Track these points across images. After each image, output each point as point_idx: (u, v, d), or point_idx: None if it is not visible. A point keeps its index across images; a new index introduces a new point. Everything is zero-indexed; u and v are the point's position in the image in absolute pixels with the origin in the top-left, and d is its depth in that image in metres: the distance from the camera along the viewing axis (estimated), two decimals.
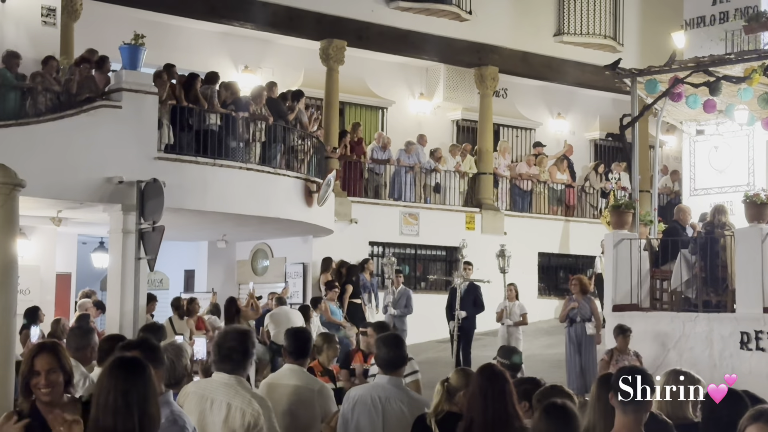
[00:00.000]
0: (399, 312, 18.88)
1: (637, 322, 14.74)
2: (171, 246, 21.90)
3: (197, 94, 17.61)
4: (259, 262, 22.95)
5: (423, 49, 24.03)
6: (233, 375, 6.16)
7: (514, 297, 18.29)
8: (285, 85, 21.02)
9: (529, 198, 25.32)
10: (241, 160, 17.90)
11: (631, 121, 16.30)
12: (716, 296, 14.56)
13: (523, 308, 18.25)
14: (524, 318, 18.19)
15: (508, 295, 18.18)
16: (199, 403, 6.14)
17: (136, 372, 4.54)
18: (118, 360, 4.65)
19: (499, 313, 18.22)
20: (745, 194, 14.56)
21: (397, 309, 18.91)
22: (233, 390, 6.12)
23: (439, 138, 25.12)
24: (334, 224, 21.09)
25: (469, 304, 17.79)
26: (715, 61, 15.81)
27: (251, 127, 18.36)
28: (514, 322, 18.00)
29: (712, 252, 14.54)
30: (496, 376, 5.80)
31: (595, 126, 28.12)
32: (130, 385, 4.49)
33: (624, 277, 15.17)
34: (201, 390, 6.24)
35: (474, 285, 18.13)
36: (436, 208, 23.57)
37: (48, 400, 5.12)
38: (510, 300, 18.17)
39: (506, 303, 18.09)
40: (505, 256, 18.10)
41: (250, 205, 17.99)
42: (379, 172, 23.34)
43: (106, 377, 4.54)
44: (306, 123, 20.13)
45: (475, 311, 18.06)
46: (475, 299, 18.07)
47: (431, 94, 25.35)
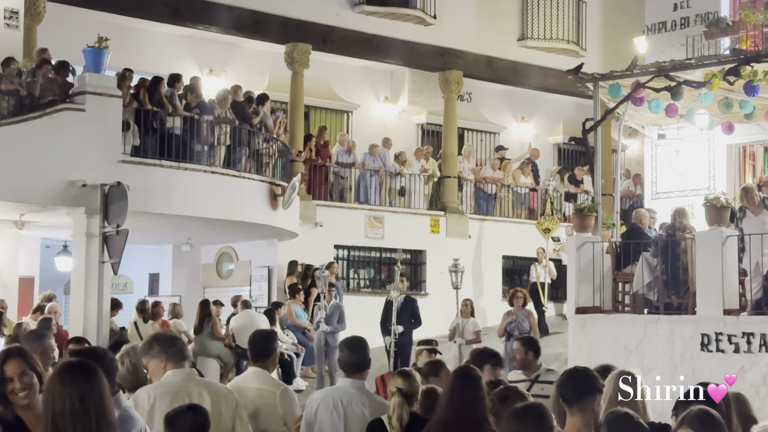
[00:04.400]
0: (331, 328, 17.76)
1: (599, 324, 14.81)
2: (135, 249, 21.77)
3: (161, 97, 17.54)
4: (224, 265, 22.88)
5: (388, 53, 24.05)
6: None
7: (469, 313, 17.44)
8: (250, 89, 20.93)
9: (494, 201, 25.40)
10: (205, 163, 17.86)
11: (594, 125, 16.37)
12: (677, 298, 14.63)
13: (476, 325, 17.42)
14: (478, 336, 17.21)
15: (462, 311, 17.29)
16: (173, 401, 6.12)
17: (91, 376, 4.50)
18: (68, 365, 4.58)
19: (452, 330, 17.32)
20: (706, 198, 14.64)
21: (330, 325, 17.77)
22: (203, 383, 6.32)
23: (404, 142, 25.14)
24: (299, 227, 21.06)
25: (406, 319, 17.07)
26: (676, 66, 15.91)
27: (216, 131, 18.31)
28: (467, 340, 17.00)
29: (674, 255, 14.62)
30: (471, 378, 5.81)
31: (558, 130, 28.25)
32: (85, 389, 4.45)
33: (586, 279, 15.22)
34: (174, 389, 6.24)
35: (411, 298, 17.63)
36: (401, 212, 23.59)
37: (27, 402, 5.08)
38: (464, 316, 17.29)
39: (459, 320, 17.20)
40: (458, 272, 17.01)
41: (214, 208, 17.94)
42: (344, 176, 23.33)
43: (58, 384, 4.48)
44: (271, 126, 20.09)
45: (412, 326, 17.35)
46: (412, 313, 17.42)
47: (396, 98, 25.37)
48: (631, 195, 25.35)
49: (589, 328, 14.87)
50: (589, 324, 14.85)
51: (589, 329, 14.84)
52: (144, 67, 20.07)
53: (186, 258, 22.81)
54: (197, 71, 22.00)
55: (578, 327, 15.11)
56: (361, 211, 22.91)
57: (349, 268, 23.25)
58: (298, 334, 18.88)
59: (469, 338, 17.04)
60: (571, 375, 5.58)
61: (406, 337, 16.96)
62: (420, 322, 17.58)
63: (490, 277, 24.25)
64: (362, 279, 23.50)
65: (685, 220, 15.01)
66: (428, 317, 19.89)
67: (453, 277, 17.01)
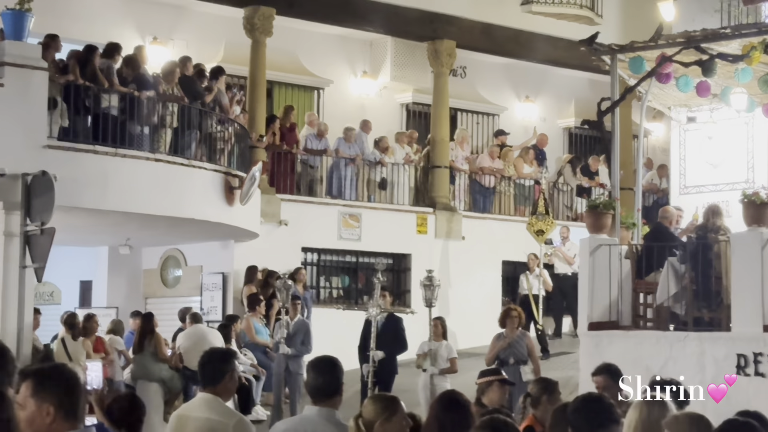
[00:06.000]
0: (294, 351, 17.31)
1: (616, 342, 14.85)
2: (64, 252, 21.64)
3: (95, 70, 17.48)
4: (170, 271, 22.82)
5: (366, 18, 24.02)
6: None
7: (441, 335, 16.76)
8: (202, 61, 20.89)
9: (492, 196, 25.42)
10: (148, 149, 17.82)
11: (611, 106, 16.40)
12: (709, 312, 14.70)
13: (451, 351, 16.70)
14: (453, 364, 16.54)
15: (434, 333, 16.63)
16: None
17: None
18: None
19: (421, 356, 16.64)
20: (743, 193, 14.71)
21: (292, 347, 17.30)
22: None
23: (385, 124, 25.14)
24: (259, 227, 21.03)
25: (387, 342, 16.33)
26: (709, 36, 15.95)
27: (160, 110, 18.26)
28: (440, 369, 16.41)
29: (705, 260, 14.67)
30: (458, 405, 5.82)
31: (569, 112, 28.30)
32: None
33: (602, 289, 15.26)
34: None
35: (394, 317, 17.01)
36: (382, 208, 23.59)
37: None
38: (435, 339, 16.65)
39: (430, 344, 16.53)
40: (434, 287, 16.28)
41: (158, 203, 17.88)
42: (314, 165, 23.30)
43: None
44: (226, 106, 20.05)
45: (395, 350, 16.89)
46: (395, 335, 16.90)
47: (376, 73, 25.35)
48: (654, 189, 25.42)
49: (604, 347, 14.90)
50: (605, 342, 14.89)
51: (605, 349, 14.85)
52: (75, 35, 19.98)
53: (124, 263, 22.74)
54: (139, 39, 21.93)
55: (591, 346, 15.14)
56: (334, 207, 22.90)
57: (319, 275, 23.22)
58: (258, 353, 18.85)
59: (442, 366, 16.50)
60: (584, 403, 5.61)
61: (388, 365, 16.43)
62: (405, 345, 17.20)
63: (487, 286, 24.26)
64: (335, 288, 23.49)
65: (718, 219, 15.05)
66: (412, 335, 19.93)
67: (425, 292, 16.39)
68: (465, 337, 22.28)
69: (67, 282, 23.38)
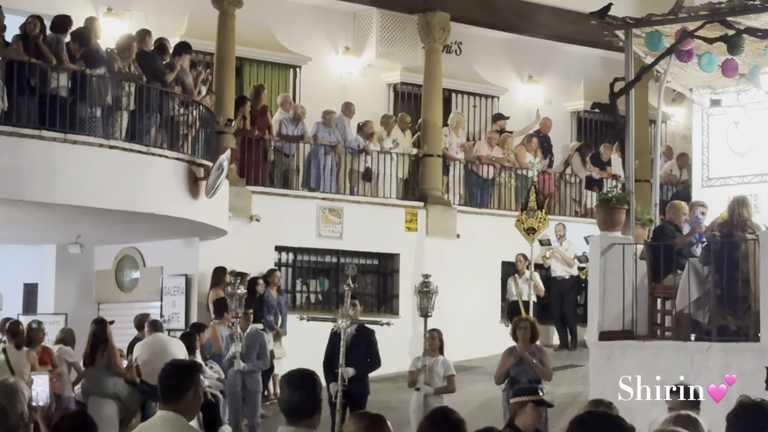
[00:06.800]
0: (249, 366, 17.27)
1: (630, 354, 14.85)
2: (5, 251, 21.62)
3: (42, 45, 17.43)
4: (126, 273, 22.82)
5: None
6: None
7: (437, 350, 16.48)
8: (163, 35, 20.85)
9: (491, 189, 25.42)
10: (101, 135, 17.79)
11: (625, 88, 16.41)
12: (735, 320, 14.71)
13: (449, 367, 16.40)
14: (450, 382, 16.32)
15: (429, 347, 16.34)
16: None
17: None
18: None
19: (413, 373, 16.39)
20: None
21: (248, 362, 17.23)
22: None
23: (370, 107, 25.13)
24: (228, 223, 21.03)
25: (358, 358, 16.26)
26: (736, 8, 15.96)
27: (115, 91, 18.22)
28: (436, 389, 16.13)
29: (731, 262, 14.67)
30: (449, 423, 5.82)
31: (578, 94, 28.32)
32: None
33: (614, 294, 15.27)
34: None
35: (366, 329, 16.54)
36: (366, 202, 23.58)
37: None
38: (431, 353, 16.36)
39: (425, 359, 16.26)
40: (430, 294, 16.21)
41: (113, 195, 17.87)
42: (290, 153, 23.28)
43: None
44: (190, 86, 20.02)
45: (367, 367, 16.68)
46: (368, 350, 16.60)
47: (360, 49, 25.35)
48: (674, 181, 25.48)
49: (616, 359, 14.92)
50: (617, 354, 14.89)
51: (617, 361, 14.88)
52: (19, 5, 19.93)
53: (75, 263, 22.71)
54: (91, 10, 21.88)
55: (602, 358, 15.15)
56: (312, 201, 22.89)
57: (295, 277, 23.21)
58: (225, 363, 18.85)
59: (438, 385, 16.25)
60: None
61: (359, 384, 16.27)
62: (378, 361, 16.95)
63: (485, 290, 24.25)
64: (313, 293, 23.47)
65: (746, 211, 15.00)
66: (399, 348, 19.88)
67: (420, 300, 16.33)
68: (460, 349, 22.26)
69: (9, 285, 23.36)
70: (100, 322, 17.84)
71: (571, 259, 23.49)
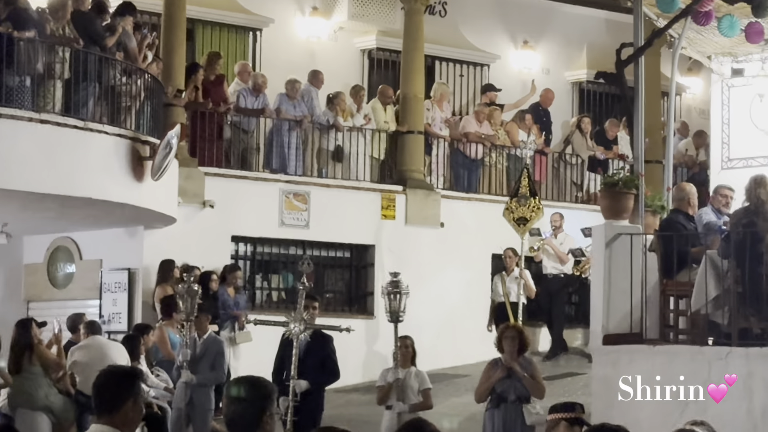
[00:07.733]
0: (200, 379, 16.84)
1: (639, 360, 14.91)
2: None
3: None
4: (60, 267, 22.83)
5: None
6: None
7: (410, 361, 16.25)
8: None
9: (479, 171, 25.46)
10: (30, 107, 17.79)
11: (634, 55, 16.46)
12: (759, 322, 14.77)
13: (424, 380, 16.13)
14: (426, 397, 16.08)
15: (402, 356, 16.06)
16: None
17: None
18: None
19: (384, 389, 16.08)
20: None
21: (198, 373, 16.84)
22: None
23: (341, 77, 25.17)
24: (177, 209, 21.08)
25: (313, 368, 15.92)
26: None
27: (47, 57, 18.20)
28: (411, 405, 15.83)
29: (754, 255, 14.70)
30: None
31: (580, 62, 28.39)
32: None
33: (621, 292, 15.31)
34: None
35: (323, 336, 16.14)
36: (336, 186, 23.61)
37: None
38: (403, 365, 16.05)
39: (396, 371, 15.92)
40: (401, 295, 15.80)
41: (45, 177, 17.88)
42: (248, 129, 23.29)
43: None
44: (134, 51, 19.99)
45: (323, 380, 16.41)
46: (324, 360, 16.23)
47: (329, 10, 25.39)
48: (690, 162, 25.55)
49: (623, 365, 14.96)
50: (624, 360, 14.95)
51: (624, 368, 14.92)
52: None
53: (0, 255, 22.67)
54: None
55: (607, 365, 15.21)
56: (275, 184, 22.91)
57: (254, 272, 23.24)
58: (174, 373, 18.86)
59: (413, 401, 16.02)
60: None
61: (313, 399, 15.96)
62: (336, 373, 16.67)
63: (472, 288, 24.29)
64: (275, 290, 23.50)
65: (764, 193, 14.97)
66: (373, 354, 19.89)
67: (389, 302, 15.98)
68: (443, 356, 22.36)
69: None
70: (22, 325, 17.73)
71: (565, 255, 23.41)
